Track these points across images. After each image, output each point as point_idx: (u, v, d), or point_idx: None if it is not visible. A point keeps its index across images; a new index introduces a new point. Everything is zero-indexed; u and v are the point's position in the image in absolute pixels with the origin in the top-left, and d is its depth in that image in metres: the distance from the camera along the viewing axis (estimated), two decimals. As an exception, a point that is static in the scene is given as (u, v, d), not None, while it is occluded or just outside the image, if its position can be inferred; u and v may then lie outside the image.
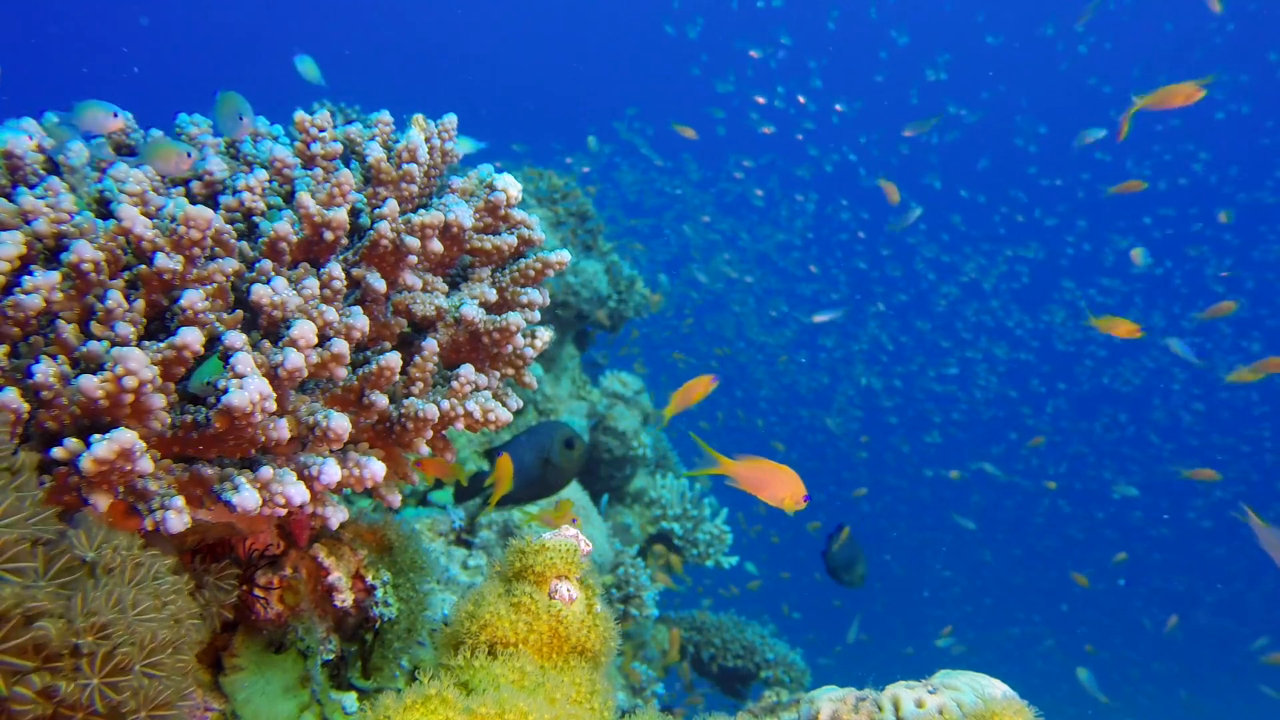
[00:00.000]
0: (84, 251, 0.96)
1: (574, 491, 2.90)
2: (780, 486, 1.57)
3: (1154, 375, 14.50)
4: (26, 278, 0.96)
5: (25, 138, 1.14)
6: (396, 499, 1.26)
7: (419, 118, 1.32)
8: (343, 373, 1.06)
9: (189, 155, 1.14)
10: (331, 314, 1.08)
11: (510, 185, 1.30)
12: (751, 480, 1.60)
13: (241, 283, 1.13)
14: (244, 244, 1.17)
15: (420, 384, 1.19)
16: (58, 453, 0.89)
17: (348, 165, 1.32)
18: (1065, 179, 14.86)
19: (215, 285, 1.07)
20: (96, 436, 0.87)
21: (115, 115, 1.20)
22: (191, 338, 0.95)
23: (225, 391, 0.93)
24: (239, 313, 1.09)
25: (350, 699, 1.30)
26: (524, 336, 1.29)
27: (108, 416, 0.92)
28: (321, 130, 1.26)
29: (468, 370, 1.18)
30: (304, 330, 1.01)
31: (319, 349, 1.04)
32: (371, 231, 1.18)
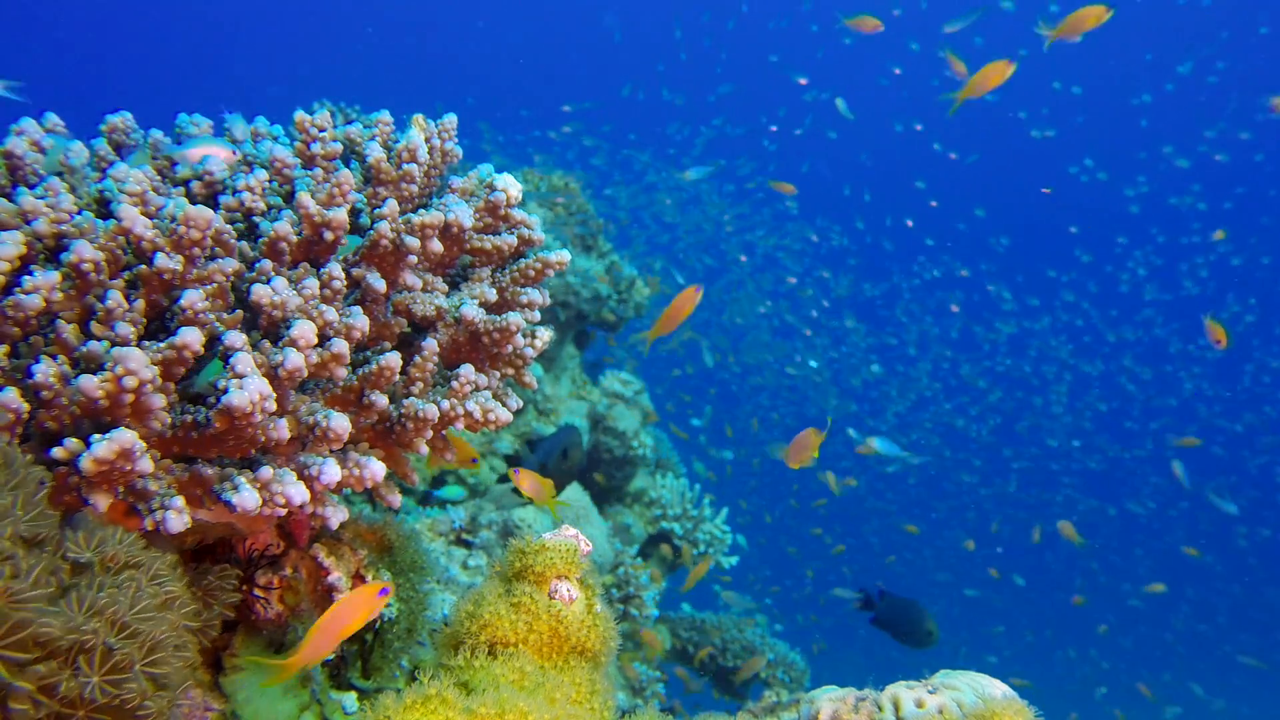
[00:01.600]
0: (84, 251, 0.96)
1: (574, 492, 2.90)
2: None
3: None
4: (26, 278, 0.96)
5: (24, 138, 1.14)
6: (397, 499, 1.26)
7: (419, 118, 1.32)
8: (343, 373, 1.06)
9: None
10: (331, 314, 1.08)
11: (510, 185, 1.30)
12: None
13: (241, 283, 1.13)
14: (244, 244, 1.17)
15: (420, 384, 1.19)
16: (58, 453, 0.89)
17: (348, 165, 1.32)
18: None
19: (215, 285, 1.07)
20: (96, 436, 0.87)
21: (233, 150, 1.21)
22: (191, 338, 0.95)
23: (225, 391, 0.93)
24: (239, 313, 1.09)
25: (350, 699, 1.30)
26: (524, 336, 1.29)
27: (108, 416, 0.92)
28: (321, 130, 1.26)
29: (468, 370, 1.18)
30: (304, 330, 1.01)
31: (319, 349, 1.04)
32: (371, 231, 1.18)
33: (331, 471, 1.00)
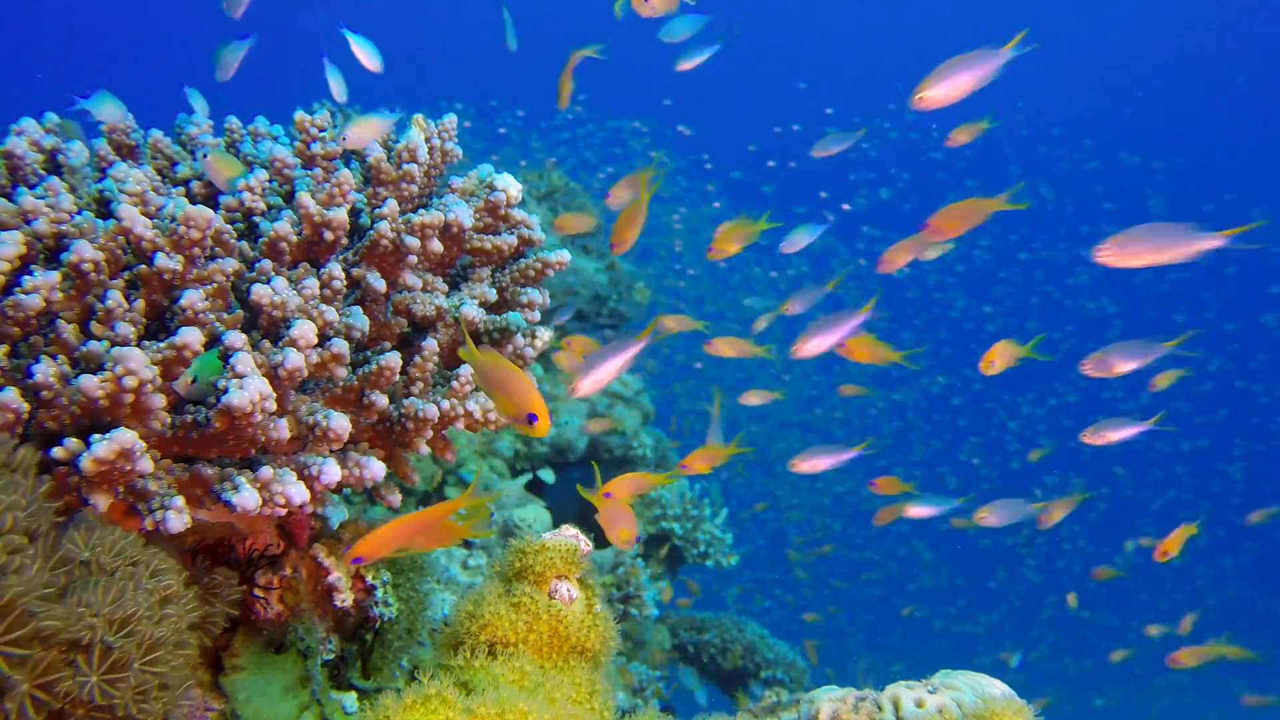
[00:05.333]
0: (84, 251, 0.96)
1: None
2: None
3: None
4: (26, 278, 0.96)
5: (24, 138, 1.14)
6: (396, 499, 1.26)
7: (419, 118, 1.32)
8: (343, 373, 1.06)
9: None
10: (331, 314, 1.08)
11: (510, 185, 1.30)
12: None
13: (241, 283, 1.13)
14: (244, 244, 1.17)
15: (420, 384, 1.19)
16: (58, 453, 0.89)
17: (348, 165, 1.32)
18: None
19: (215, 285, 1.07)
20: (96, 436, 0.87)
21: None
22: (192, 338, 0.95)
23: (225, 391, 0.93)
24: (239, 313, 1.09)
25: (350, 699, 1.30)
26: (524, 336, 1.29)
27: (108, 416, 0.92)
28: (321, 130, 1.26)
29: (468, 370, 1.18)
30: (304, 330, 1.01)
31: (319, 349, 1.04)
32: (371, 231, 1.18)
33: (331, 471, 1.00)
